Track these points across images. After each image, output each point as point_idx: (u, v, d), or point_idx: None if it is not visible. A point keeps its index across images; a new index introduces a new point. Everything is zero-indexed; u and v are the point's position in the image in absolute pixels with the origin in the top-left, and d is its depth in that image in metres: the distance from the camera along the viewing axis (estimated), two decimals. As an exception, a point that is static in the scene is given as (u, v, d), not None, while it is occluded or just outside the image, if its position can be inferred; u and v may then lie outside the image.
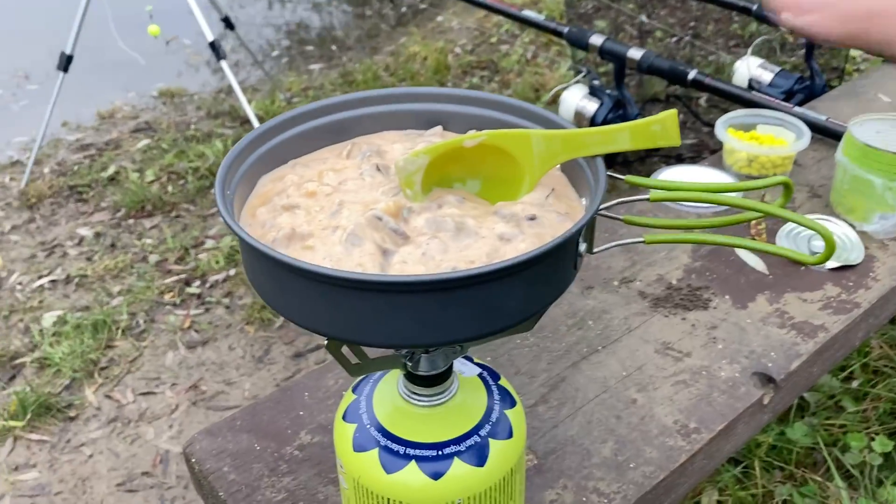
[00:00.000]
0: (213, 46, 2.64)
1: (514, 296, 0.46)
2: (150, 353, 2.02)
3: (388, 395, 0.58)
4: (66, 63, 2.65)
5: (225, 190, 0.51)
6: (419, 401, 0.57)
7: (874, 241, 1.04)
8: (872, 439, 1.44)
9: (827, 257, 0.49)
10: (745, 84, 1.59)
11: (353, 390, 0.61)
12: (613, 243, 0.54)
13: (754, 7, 1.61)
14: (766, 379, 0.85)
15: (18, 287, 2.30)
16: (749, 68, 1.59)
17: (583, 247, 0.50)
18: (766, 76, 1.58)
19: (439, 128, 0.63)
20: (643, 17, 3.20)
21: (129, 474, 1.67)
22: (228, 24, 3.05)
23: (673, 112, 0.52)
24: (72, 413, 1.83)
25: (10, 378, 1.94)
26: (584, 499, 0.73)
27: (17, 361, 1.99)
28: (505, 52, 3.62)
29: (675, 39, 3.12)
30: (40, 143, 2.80)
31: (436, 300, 0.44)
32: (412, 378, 0.56)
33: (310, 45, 4.13)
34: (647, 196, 0.52)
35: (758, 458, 1.45)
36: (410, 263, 0.47)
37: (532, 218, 0.52)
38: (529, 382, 0.85)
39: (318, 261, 0.48)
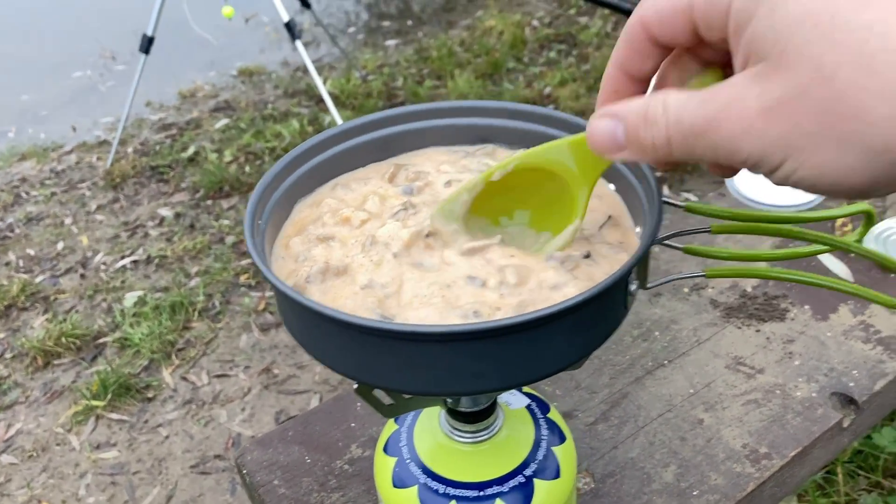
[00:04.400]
0: (288, 27, 2.64)
1: (554, 344, 0.43)
2: (224, 334, 2.05)
3: (429, 428, 0.56)
4: (147, 45, 2.70)
5: (256, 221, 0.48)
6: (461, 437, 0.54)
7: (975, 246, 0.95)
8: (969, 448, 1.35)
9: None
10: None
11: (396, 420, 0.59)
12: (670, 277, 0.50)
13: None
14: (847, 400, 0.79)
15: (103, 267, 2.38)
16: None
17: (633, 286, 0.46)
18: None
19: (491, 146, 0.59)
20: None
21: (202, 456, 1.71)
22: (304, 2, 3.05)
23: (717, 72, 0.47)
24: (150, 394, 1.88)
25: (93, 358, 2.01)
26: (642, 528, 0.69)
27: (100, 341, 2.06)
28: (584, 25, 3.51)
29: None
30: (124, 124, 2.88)
31: (466, 350, 0.41)
32: (454, 414, 0.54)
33: (386, 20, 4.11)
34: (708, 228, 0.48)
35: (841, 463, 1.38)
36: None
37: (587, 256, 0.48)
38: (590, 398, 0.81)
39: (358, 285, 0.46)
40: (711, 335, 0.87)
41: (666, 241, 0.49)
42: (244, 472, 0.77)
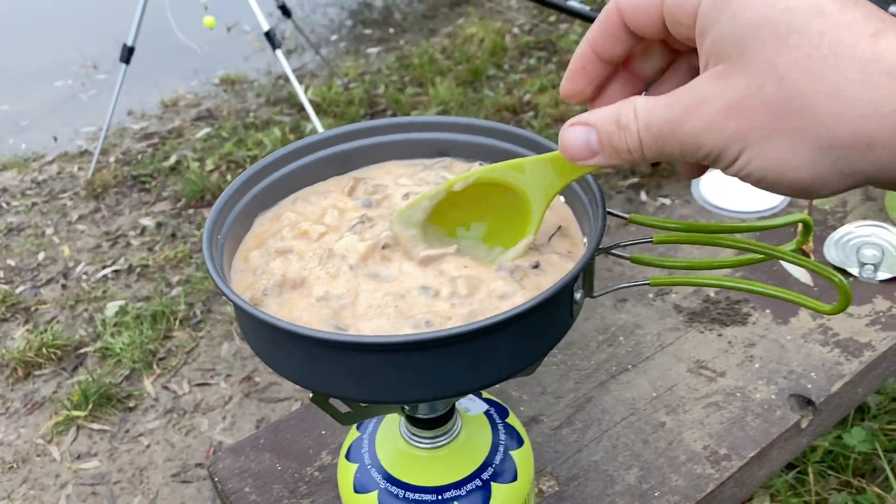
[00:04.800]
0: (269, 36, 2.66)
1: (502, 351, 0.45)
2: (205, 343, 2.06)
3: (390, 435, 0.57)
4: (128, 55, 2.71)
5: (215, 235, 0.50)
6: (420, 443, 0.56)
7: (931, 250, 0.98)
8: (936, 446, 1.37)
9: (842, 308, 0.46)
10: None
11: (358, 427, 0.60)
12: (615, 286, 0.52)
13: None
14: (805, 401, 0.81)
15: (84, 277, 2.38)
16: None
17: (579, 294, 0.48)
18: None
19: (448, 159, 0.61)
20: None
21: (183, 465, 1.72)
22: (285, 11, 3.07)
23: None
24: (131, 403, 1.89)
25: (74, 368, 2.01)
26: (604, 529, 0.71)
27: (81, 351, 2.06)
28: (563, 32, 3.55)
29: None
30: (106, 133, 2.88)
31: (415, 359, 0.43)
32: (413, 420, 0.55)
33: (368, 27, 4.12)
34: (650, 239, 0.50)
35: (812, 463, 1.40)
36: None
37: (535, 266, 0.50)
38: (555, 403, 0.83)
39: (314, 296, 0.48)
40: (674, 339, 0.89)
41: (612, 252, 0.51)
42: (216, 479, 0.78)
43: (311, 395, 0.48)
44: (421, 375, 0.44)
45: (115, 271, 2.39)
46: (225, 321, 2.13)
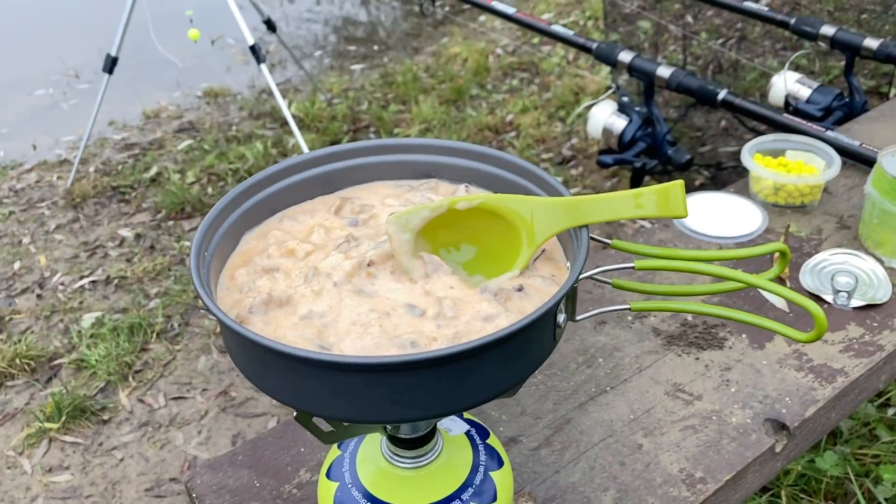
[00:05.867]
0: (253, 50, 2.66)
1: (486, 372, 0.45)
2: (182, 356, 2.05)
3: (371, 454, 0.58)
4: (111, 65, 2.70)
5: (202, 252, 0.50)
6: (401, 463, 0.56)
7: (903, 279, 1.00)
8: (907, 472, 1.39)
9: (817, 337, 0.47)
10: (781, 100, 1.55)
11: (339, 445, 0.60)
12: (597, 311, 0.53)
13: (792, 21, 1.56)
14: (780, 426, 0.82)
15: (60, 287, 2.35)
16: (786, 83, 1.54)
17: (561, 318, 0.49)
18: (804, 92, 1.53)
19: (434, 181, 0.62)
20: (689, 18, 3.14)
21: (157, 479, 1.70)
22: (270, 26, 3.07)
23: (679, 183, 0.50)
24: (105, 416, 1.87)
25: (47, 379, 1.99)
26: (580, 551, 0.71)
27: (56, 363, 2.04)
28: (546, 55, 3.58)
29: (720, 41, 3.05)
30: (86, 143, 2.86)
31: (402, 380, 0.43)
32: (394, 440, 0.56)
33: (353, 44, 4.14)
34: (632, 265, 0.51)
35: (785, 486, 1.42)
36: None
37: (519, 289, 0.51)
38: (534, 423, 0.84)
39: (298, 315, 0.48)
40: (652, 362, 0.90)
41: (594, 277, 0.52)
42: (193, 495, 0.78)
43: (293, 412, 0.48)
44: (405, 396, 0.44)
45: (93, 282, 2.36)
46: (202, 335, 2.11)
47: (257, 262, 0.54)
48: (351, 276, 0.51)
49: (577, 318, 0.52)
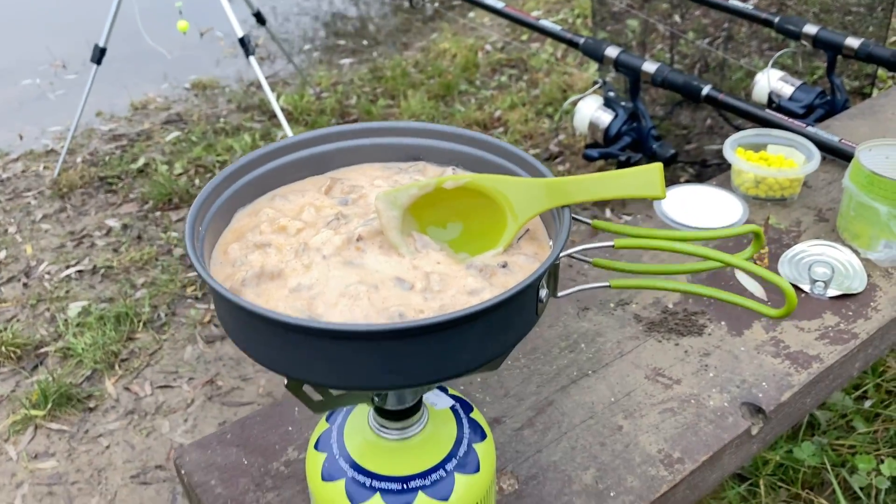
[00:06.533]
0: (243, 42, 2.66)
1: (471, 343, 0.47)
2: (169, 346, 2.05)
3: (358, 426, 0.60)
4: (99, 55, 2.70)
5: (196, 227, 0.52)
6: (387, 434, 0.58)
7: (878, 270, 1.02)
8: (881, 461, 1.42)
9: (788, 312, 0.49)
10: (764, 97, 1.57)
11: (327, 419, 0.62)
12: (578, 287, 0.54)
13: (776, 20, 1.59)
14: (756, 409, 0.85)
15: (47, 276, 2.36)
16: (769, 81, 1.57)
17: (544, 293, 0.51)
18: (787, 90, 1.56)
19: (422, 163, 0.64)
20: (676, 17, 3.17)
21: (143, 467, 1.71)
22: (260, 19, 3.08)
23: (658, 165, 0.52)
24: (91, 404, 1.87)
25: (33, 367, 1.99)
26: (560, 527, 0.73)
27: (42, 351, 2.04)
28: (535, 51, 3.60)
29: (707, 41, 3.08)
30: (73, 134, 2.86)
31: (389, 347, 0.45)
32: (381, 412, 0.57)
33: (342, 38, 4.15)
34: (611, 243, 0.52)
35: (764, 476, 1.44)
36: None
37: (504, 265, 0.53)
38: (517, 405, 0.85)
39: (288, 287, 0.49)
40: (633, 348, 0.92)
41: (575, 256, 0.54)
42: (182, 472, 0.79)
43: (285, 381, 0.49)
44: (392, 364, 0.46)
45: (79, 272, 2.37)
46: (189, 325, 2.12)
47: (249, 238, 0.55)
48: (340, 250, 0.53)
49: (559, 294, 0.54)
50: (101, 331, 2.07)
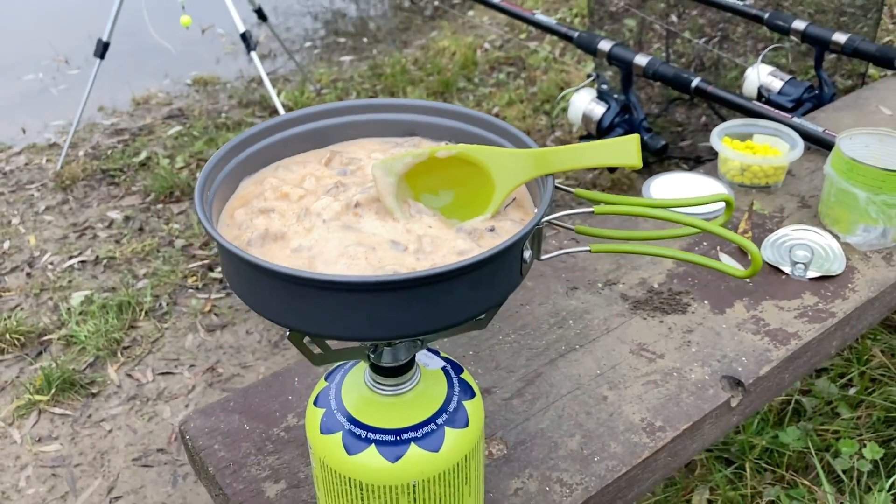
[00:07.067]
0: (244, 38, 2.71)
1: (458, 297, 0.51)
2: (171, 334, 2.09)
3: (355, 383, 0.63)
4: (102, 50, 2.74)
5: (205, 192, 0.56)
6: (382, 390, 0.62)
7: (857, 253, 1.06)
8: (864, 446, 1.46)
9: (753, 272, 0.53)
10: (754, 91, 1.61)
11: (326, 378, 0.66)
12: (561, 251, 0.58)
13: (765, 16, 1.63)
14: (735, 382, 0.89)
15: (50, 266, 2.39)
16: (759, 76, 1.61)
17: (528, 254, 0.54)
18: (776, 84, 1.60)
19: (417, 138, 0.67)
20: (673, 17, 3.21)
21: (145, 450, 1.75)
22: (261, 15, 3.12)
23: (635, 137, 0.56)
24: (94, 389, 1.91)
25: (37, 354, 2.03)
26: (547, 488, 0.77)
27: (45, 338, 2.08)
28: (533, 50, 3.64)
29: (703, 40, 3.12)
30: (76, 127, 2.90)
31: (384, 299, 0.49)
32: (376, 369, 0.61)
33: (342, 36, 4.19)
34: (591, 209, 0.56)
35: (750, 460, 1.48)
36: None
37: (491, 230, 0.57)
38: (507, 377, 0.89)
39: (290, 248, 0.53)
40: (619, 324, 0.96)
41: (558, 222, 0.58)
42: (186, 437, 0.83)
43: (287, 333, 0.53)
44: (387, 315, 0.50)
45: (82, 262, 2.40)
46: (190, 314, 2.16)
47: (254, 204, 0.59)
48: (339, 215, 0.56)
49: (543, 257, 0.58)
50: (103, 319, 2.11)
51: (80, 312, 2.15)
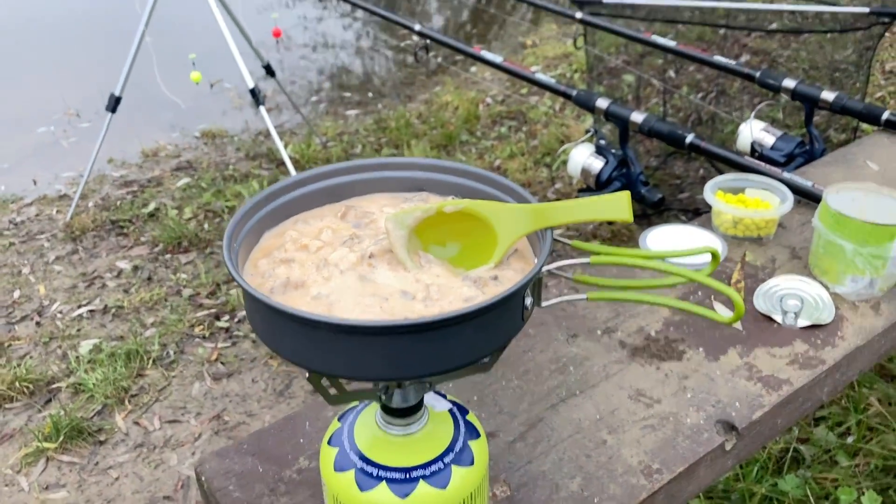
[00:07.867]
0: (253, 93, 2.79)
1: (464, 340, 0.55)
2: (178, 382, 2.12)
3: (367, 424, 0.67)
4: (114, 104, 2.82)
5: (232, 244, 0.60)
6: (392, 430, 0.66)
7: (846, 302, 1.11)
8: (863, 493, 1.48)
9: (736, 318, 0.58)
10: (748, 146, 1.67)
11: (339, 419, 0.70)
12: (560, 298, 0.63)
13: (757, 74, 1.70)
14: (729, 426, 0.92)
15: (59, 315, 2.43)
16: (752, 131, 1.67)
17: (529, 301, 0.59)
18: (768, 139, 1.66)
19: (425, 193, 0.72)
20: (671, 73, 3.30)
21: (151, 497, 1.76)
22: (269, 71, 3.21)
23: (626, 193, 0.61)
24: (101, 437, 1.94)
25: (46, 402, 2.06)
26: (548, 528, 0.80)
27: (54, 386, 2.11)
28: (533, 104, 3.73)
29: (700, 95, 3.21)
30: (86, 179, 2.97)
31: (393, 343, 0.53)
32: (387, 410, 0.65)
33: (348, 90, 4.29)
34: (587, 260, 0.61)
35: (750, 507, 1.50)
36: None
37: (495, 278, 0.61)
38: (510, 421, 0.93)
39: (310, 295, 0.58)
40: (618, 371, 1.00)
41: (557, 272, 0.62)
42: (202, 478, 0.87)
43: (307, 374, 0.57)
44: (396, 358, 0.54)
45: (91, 311, 2.45)
46: (197, 362, 2.19)
47: (276, 254, 0.64)
48: (355, 265, 0.61)
49: (543, 304, 0.62)
50: (111, 367, 2.14)
51: (88, 361, 2.19)
